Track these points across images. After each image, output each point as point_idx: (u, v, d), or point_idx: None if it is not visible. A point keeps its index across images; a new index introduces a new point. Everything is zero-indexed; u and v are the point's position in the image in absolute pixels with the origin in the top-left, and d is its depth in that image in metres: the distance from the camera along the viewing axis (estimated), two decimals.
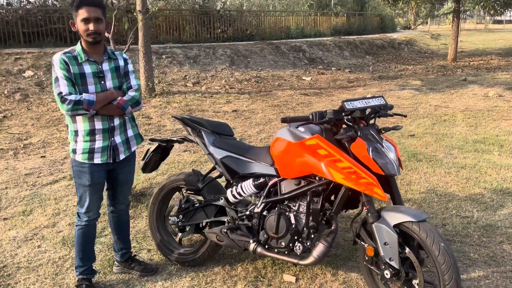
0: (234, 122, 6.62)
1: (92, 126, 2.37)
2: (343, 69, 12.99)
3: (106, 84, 2.41)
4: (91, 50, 2.38)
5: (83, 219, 2.51)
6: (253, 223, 2.57)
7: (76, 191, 2.50)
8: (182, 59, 11.28)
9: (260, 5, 20.34)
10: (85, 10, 2.26)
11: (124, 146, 2.52)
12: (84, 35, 2.30)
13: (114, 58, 2.48)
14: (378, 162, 2.19)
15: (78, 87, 2.32)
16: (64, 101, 2.24)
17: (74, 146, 2.42)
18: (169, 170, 4.63)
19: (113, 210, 2.70)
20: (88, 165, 2.41)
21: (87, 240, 2.56)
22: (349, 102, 2.30)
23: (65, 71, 2.27)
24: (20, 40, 12.15)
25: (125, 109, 2.41)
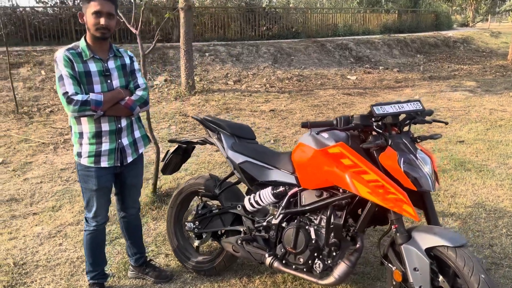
0: (270, 122, 6.43)
1: (98, 128, 2.25)
2: (391, 69, 12.41)
3: (112, 83, 2.29)
4: (96, 47, 2.25)
5: (91, 224, 2.41)
6: (270, 235, 2.37)
7: (83, 195, 2.40)
8: (225, 57, 11.22)
9: (308, 2, 19.97)
10: (98, 3, 2.14)
11: (132, 148, 2.40)
12: (92, 29, 2.18)
13: (120, 56, 2.36)
14: (410, 175, 1.92)
15: (83, 86, 2.20)
16: (70, 102, 2.11)
17: (79, 149, 2.30)
18: (198, 171, 4.53)
19: (124, 215, 2.60)
20: (94, 169, 2.30)
21: (97, 245, 2.47)
22: (379, 106, 2.04)
23: (69, 68, 2.15)
24: (72, 37, 12.63)
25: (133, 109, 2.30)
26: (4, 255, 2.98)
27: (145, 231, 3.31)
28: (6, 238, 3.24)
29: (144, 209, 3.64)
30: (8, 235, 3.30)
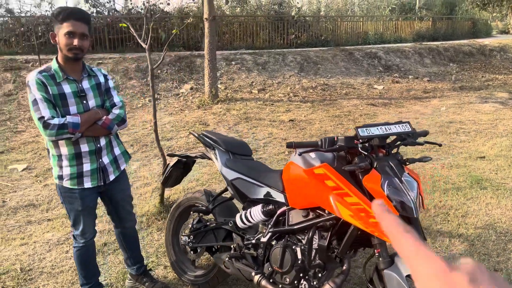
0: (288, 133, 6.42)
1: (77, 150, 2.24)
2: (421, 78, 12.10)
3: (88, 104, 2.27)
4: (69, 67, 2.23)
5: (80, 241, 2.46)
6: (259, 253, 2.38)
7: (68, 215, 2.43)
8: (251, 65, 11.30)
9: (339, 9, 19.81)
10: (71, 24, 2.12)
11: (113, 166, 2.42)
12: (65, 50, 2.15)
13: (93, 75, 2.34)
14: (393, 199, 1.88)
15: (59, 109, 2.16)
16: (47, 127, 2.08)
17: (59, 172, 2.28)
18: (209, 181, 4.58)
19: (121, 230, 2.64)
20: (78, 190, 2.30)
21: (87, 259, 2.52)
22: (364, 128, 2.01)
23: (43, 92, 2.11)
24: (105, 46, 13.11)
25: (111, 129, 2.30)
26: (13, 260, 3.12)
27: (148, 241, 3.38)
28: (18, 243, 3.40)
29: (150, 219, 3.72)
30: (21, 240, 3.45)
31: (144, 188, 4.47)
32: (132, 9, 14.41)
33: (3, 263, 3.08)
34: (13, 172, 5.12)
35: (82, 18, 2.16)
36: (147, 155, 5.57)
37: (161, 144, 5.86)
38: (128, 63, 10.56)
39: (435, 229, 3.41)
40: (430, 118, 7.38)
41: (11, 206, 4.14)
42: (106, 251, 3.23)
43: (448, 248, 3.12)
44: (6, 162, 5.46)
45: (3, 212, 4.00)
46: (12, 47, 12.42)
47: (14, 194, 4.45)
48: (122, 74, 10.16)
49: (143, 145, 5.97)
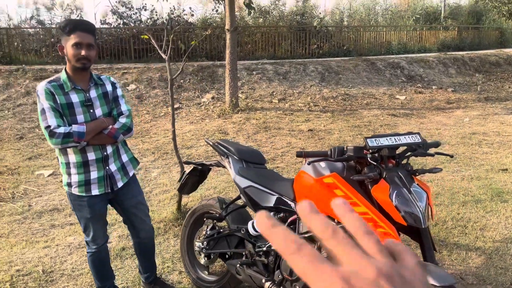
0: (306, 142, 6.44)
1: (84, 158, 2.29)
2: (445, 88, 11.92)
3: (95, 112, 2.31)
4: (77, 77, 2.29)
5: (92, 247, 2.52)
6: (269, 261, 2.41)
7: (79, 222, 2.49)
8: (272, 75, 11.39)
9: (361, 19, 19.76)
10: (77, 35, 2.19)
11: (121, 173, 2.45)
12: (73, 60, 2.21)
13: (101, 84, 2.38)
14: (401, 210, 1.90)
15: (66, 118, 2.23)
16: (53, 135, 2.14)
17: (68, 179, 2.34)
18: (225, 189, 4.65)
19: (138, 240, 2.67)
20: (87, 198, 2.35)
21: (101, 263, 2.58)
22: (373, 139, 2.04)
23: (51, 101, 2.18)
24: (131, 56, 13.47)
25: (117, 138, 2.34)
26: (36, 262, 3.25)
27: (165, 247, 3.46)
28: (42, 246, 3.53)
29: (167, 225, 3.80)
30: (44, 243, 3.59)
31: (163, 195, 4.57)
32: (157, 20, 14.76)
33: (27, 265, 3.21)
34: (40, 178, 5.32)
35: (88, 29, 2.24)
36: (167, 163, 5.69)
37: (181, 152, 5.99)
38: (152, 73, 10.81)
39: (452, 241, 3.37)
40: (452, 129, 7.27)
41: (36, 210, 4.31)
42: (124, 256, 3.33)
43: (465, 261, 3.08)
44: (34, 168, 5.68)
45: (29, 216, 4.17)
46: (42, 57, 12.92)
47: (39, 199, 4.63)
48: (146, 83, 10.41)
49: (163, 153, 6.10)
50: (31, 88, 9.65)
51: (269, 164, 5.46)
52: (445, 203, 4.14)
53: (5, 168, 5.66)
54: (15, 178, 5.30)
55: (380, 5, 21.61)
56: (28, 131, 7.77)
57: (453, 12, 21.15)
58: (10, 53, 12.56)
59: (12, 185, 5.03)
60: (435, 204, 4.13)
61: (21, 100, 9.29)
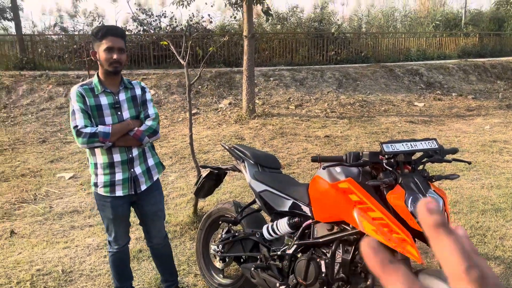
0: (322, 149, 6.43)
1: (110, 159, 2.36)
2: (466, 95, 11.73)
3: (122, 115, 2.39)
4: (108, 81, 2.39)
5: (113, 247, 2.58)
6: (284, 265, 2.42)
7: (103, 221, 2.57)
8: (289, 81, 11.42)
9: (380, 26, 19.66)
10: (109, 40, 2.29)
11: (145, 176, 2.50)
12: (106, 64, 2.31)
13: (130, 88, 2.47)
14: (417, 216, 1.89)
15: (94, 119, 2.31)
16: (79, 134, 2.23)
17: (95, 179, 2.43)
18: (241, 194, 4.68)
19: (151, 245, 2.72)
20: (110, 199, 2.42)
21: (121, 264, 2.64)
22: (389, 144, 2.05)
23: (81, 103, 2.28)
24: (150, 62, 13.69)
25: (142, 140, 2.39)
26: (56, 262, 3.33)
27: (181, 250, 3.50)
28: (62, 246, 3.62)
29: (183, 228, 3.85)
30: (64, 244, 3.68)
31: (180, 199, 4.62)
32: (176, 27, 14.98)
33: (47, 265, 3.29)
34: (61, 180, 5.45)
35: (119, 34, 2.34)
36: (185, 167, 5.75)
37: (198, 157, 6.06)
38: (170, 79, 10.97)
39: None
40: (472, 137, 7.15)
41: (57, 211, 4.41)
42: (141, 257, 3.38)
43: None
44: (55, 170, 5.82)
45: (50, 217, 4.27)
46: (65, 63, 13.24)
47: (60, 201, 4.74)
48: (164, 89, 10.56)
49: (181, 157, 6.17)
50: (54, 93, 9.90)
51: (285, 170, 5.47)
52: (464, 211, 4.08)
53: (28, 170, 5.81)
54: (37, 180, 5.43)
55: (399, 12, 21.47)
56: (51, 134, 7.97)
57: (474, 18, 20.85)
58: (34, 59, 12.92)
59: (34, 187, 5.16)
60: (454, 212, 4.07)
61: (44, 104, 9.54)
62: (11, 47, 13.50)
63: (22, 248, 3.61)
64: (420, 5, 22.40)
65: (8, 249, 3.60)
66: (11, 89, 9.97)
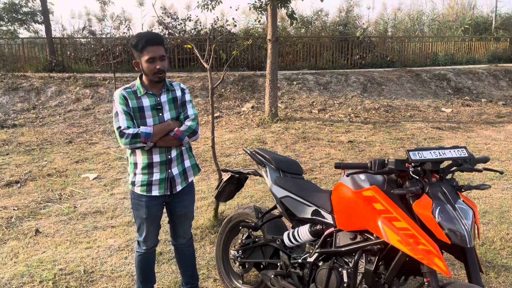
0: (346, 154, 6.33)
1: (150, 160, 2.40)
2: (496, 101, 11.39)
3: (164, 116, 2.42)
4: (151, 85, 2.42)
5: (142, 247, 2.59)
6: (305, 273, 2.37)
7: (135, 221, 2.59)
8: (313, 85, 11.34)
9: (407, 30, 19.32)
10: (150, 50, 2.30)
11: (181, 177, 2.52)
12: (150, 75, 2.35)
13: (171, 90, 2.49)
14: (445, 227, 1.81)
15: (136, 121, 2.36)
16: (122, 135, 2.30)
17: (133, 178, 2.47)
18: (262, 198, 4.63)
19: (175, 244, 2.73)
20: (145, 198, 2.45)
21: (147, 266, 2.65)
22: (416, 152, 1.97)
23: (124, 105, 2.34)
24: (175, 65, 13.84)
25: (182, 140, 2.41)
26: (78, 262, 3.37)
27: (201, 253, 3.49)
28: (84, 247, 3.66)
29: (204, 232, 3.84)
30: (86, 244, 3.72)
31: (201, 202, 4.62)
32: (200, 30, 15.11)
33: (69, 264, 3.33)
34: (85, 181, 5.54)
35: (158, 42, 2.33)
36: (206, 170, 5.76)
37: (220, 160, 6.06)
38: (194, 82, 11.06)
39: (499, 263, 3.18)
40: (503, 144, 6.91)
41: (80, 211, 4.48)
42: (161, 260, 3.38)
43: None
44: (80, 171, 5.93)
45: (74, 217, 4.34)
46: (93, 66, 13.54)
47: (84, 201, 4.81)
48: None
49: (203, 160, 6.19)
50: (81, 95, 10.12)
51: (307, 175, 5.40)
52: (494, 222, 3.92)
53: (54, 170, 5.94)
54: (62, 180, 5.54)
55: (426, 15, 21.06)
56: (77, 135, 8.13)
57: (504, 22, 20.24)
58: (63, 61, 13.25)
59: (59, 187, 5.26)
60: (483, 223, 3.92)
61: (71, 106, 9.76)
62: (41, 50, 13.89)
63: (46, 247, 3.67)
64: (449, 8, 21.92)
65: (32, 248, 3.67)
66: (40, 90, 10.25)
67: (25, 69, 12.86)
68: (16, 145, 7.34)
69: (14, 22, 15.77)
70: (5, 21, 15.71)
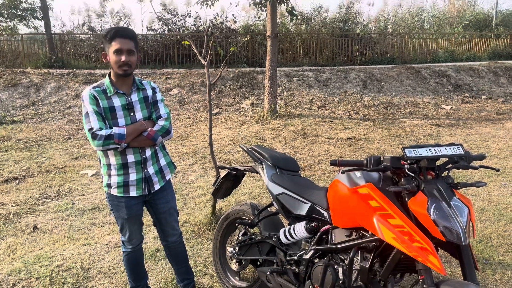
0: (344, 151, 6.32)
1: (124, 160, 2.36)
2: (496, 98, 11.37)
3: (135, 116, 2.38)
4: (120, 83, 2.36)
5: (128, 246, 2.58)
6: (300, 270, 2.37)
7: (117, 222, 2.56)
8: (312, 82, 11.32)
9: (407, 26, 19.27)
10: (118, 42, 2.26)
11: (158, 176, 2.49)
12: (115, 67, 2.29)
13: (142, 89, 2.44)
14: (440, 224, 1.80)
15: (108, 121, 2.30)
16: (95, 137, 2.23)
17: (108, 180, 2.42)
18: (260, 195, 4.63)
19: (166, 243, 2.70)
20: (124, 199, 2.42)
21: (136, 263, 2.64)
22: (411, 149, 1.96)
23: (94, 106, 2.27)
24: (174, 62, 13.82)
25: (155, 140, 2.38)
26: (75, 259, 3.37)
27: (198, 250, 3.49)
28: (81, 243, 3.67)
29: (201, 229, 3.84)
30: (84, 240, 3.72)
31: (199, 199, 4.62)
32: (200, 26, 15.07)
33: (66, 261, 3.34)
34: (84, 177, 5.54)
35: (127, 35, 2.29)
36: (205, 167, 5.76)
37: (219, 157, 6.06)
38: (193, 78, 11.04)
39: (496, 260, 3.18)
40: (502, 141, 6.90)
41: (79, 208, 4.48)
42: (158, 257, 3.39)
43: (510, 282, 2.89)
44: (79, 167, 5.93)
45: (72, 213, 4.34)
46: (92, 62, 13.51)
47: (82, 197, 4.81)
48: (187, 88, 10.63)
49: (201, 157, 6.19)
50: (80, 91, 10.10)
51: (305, 172, 5.40)
52: (491, 219, 3.92)
53: (53, 166, 5.94)
54: (61, 176, 5.54)
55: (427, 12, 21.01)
56: (76, 132, 8.13)
57: (505, 19, 20.20)
58: (62, 57, 13.23)
59: (58, 183, 5.26)
60: (480, 220, 3.92)
61: (70, 102, 9.75)
62: (40, 46, 13.87)
63: (44, 244, 3.68)
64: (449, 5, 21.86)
65: (30, 244, 3.67)
66: (40, 86, 10.23)
67: (25, 65, 12.84)
68: (15, 142, 7.34)
69: (14, 18, 15.74)
70: (5, 17, 15.68)
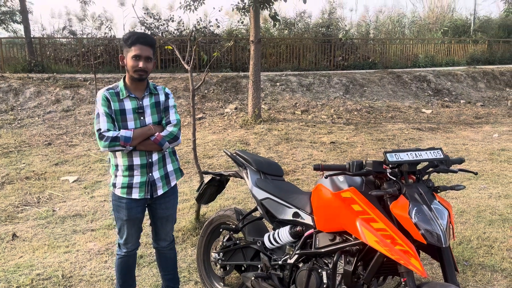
0: (327, 155, 6.38)
1: (130, 162, 2.40)
2: (474, 103, 11.63)
3: (145, 120, 2.42)
4: (133, 86, 2.42)
5: (122, 249, 2.57)
6: (285, 275, 2.38)
7: (116, 223, 2.57)
8: (296, 86, 11.39)
9: (388, 32, 19.59)
10: (138, 48, 2.31)
11: (163, 182, 2.50)
12: (131, 71, 2.34)
13: (155, 94, 2.48)
14: (421, 228, 1.84)
15: (118, 123, 2.36)
16: (101, 138, 2.29)
17: (114, 180, 2.46)
18: (245, 200, 4.63)
19: (156, 246, 2.71)
20: (126, 200, 2.44)
21: (127, 269, 2.62)
22: (393, 153, 2.00)
23: (106, 107, 2.33)
24: (157, 66, 13.72)
25: (162, 145, 2.40)
26: (56, 267, 3.31)
27: (182, 256, 3.47)
28: (62, 251, 3.60)
29: (185, 234, 3.81)
30: (65, 248, 3.66)
31: (183, 204, 4.59)
32: (183, 31, 15.02)
33: (47, 269, 3.27)
34: (65, 183, 5.45)
35: (148, 42, 2.34)
36: (189, 172, 5.73)
37: (203, 162, 6.03)
38: (177, 83, 10.99)
39: (476, 262, 3.25)
40: (480, 145, 7.06)
41: (59, 215, 4.40)
42: (141, 263, 3.35)
43: (490, 283, 2.95)
44: (59, 174, 5.83)
45: (52, 221, 4.26)
46: (73, 66, 13.32)
47: (63, 204, 4.73)
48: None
49: (185, 162, 6.15)
50: (61, 96, 9.95)
51: (289, 176, 5.42)
52: (471, 221, 4.00)
53: (33, 173, 5.82)
54: (41, 183, 5.44)
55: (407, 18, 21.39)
56: (56, 137, 7.99)
57: (483, 25, 20.71)
58: (43, 62, 13.01)
59: (38, 190, 5.16)
60: (460, 222, 4.00)
61: (51, 107, 9.59)
62: (20, 50, 13.62)
63: (23, 252, 3.60)
64: (429, 11, 22.31)
65: (9, 253, 3.59)
66: (19, 91, 10.04)
67: (3, 69, 12.58)
68: None
69: None
70: None
